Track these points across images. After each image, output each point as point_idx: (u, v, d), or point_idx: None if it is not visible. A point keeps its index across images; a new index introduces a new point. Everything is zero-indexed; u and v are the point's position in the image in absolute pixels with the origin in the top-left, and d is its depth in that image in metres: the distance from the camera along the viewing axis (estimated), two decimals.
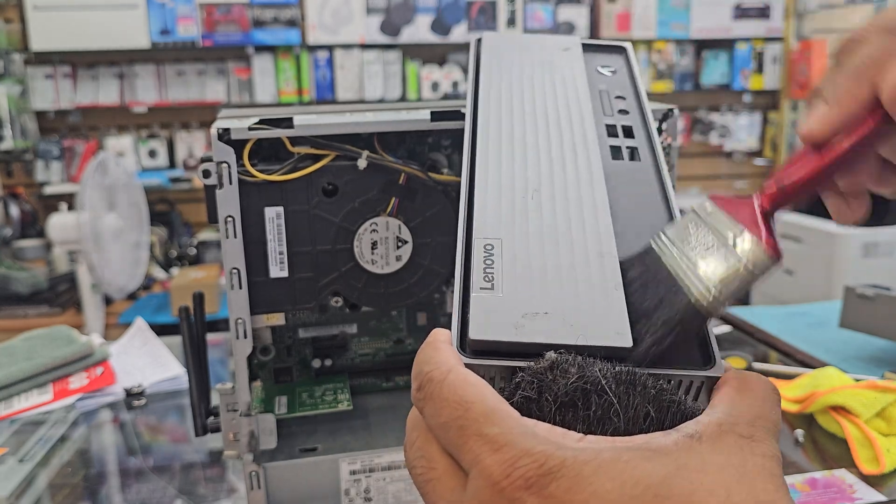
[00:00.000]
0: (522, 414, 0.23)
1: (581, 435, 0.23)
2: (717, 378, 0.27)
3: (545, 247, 0.30)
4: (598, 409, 0.24)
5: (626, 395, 0.24)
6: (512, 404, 0.24)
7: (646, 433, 0.24)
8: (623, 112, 0.40)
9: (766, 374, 0.76)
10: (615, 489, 0.20)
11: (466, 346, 0.26)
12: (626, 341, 0.26)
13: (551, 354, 0.25)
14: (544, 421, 0.24)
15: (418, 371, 0.25)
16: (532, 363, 0.25)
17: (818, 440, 0.65)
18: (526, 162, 0.34)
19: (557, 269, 0.29)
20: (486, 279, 0.28)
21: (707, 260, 0.28)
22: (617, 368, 0.25)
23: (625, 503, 0.20)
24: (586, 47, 0.45)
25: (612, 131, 0.38)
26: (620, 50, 0.46)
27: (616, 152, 0.37)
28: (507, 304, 0.27)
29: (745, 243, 0.27)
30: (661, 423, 0.24)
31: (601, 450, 0.22)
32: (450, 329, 0.27)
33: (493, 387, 0.24)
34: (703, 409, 0.25)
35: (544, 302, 0.27)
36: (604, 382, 0.24)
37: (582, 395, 0.24)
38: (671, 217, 0.34)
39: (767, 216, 0.28)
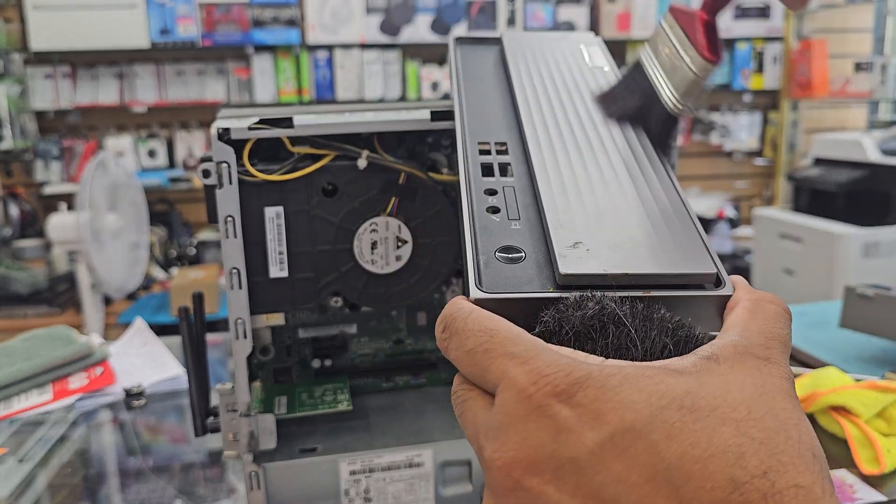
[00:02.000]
0: None
1: (602, 358, 0.23)
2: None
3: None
4: (616, 339, 0.24)
5: (644, 327, 0.25)
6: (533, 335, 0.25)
7: None
8: None
9: None
10: (641, 399, 0.21)
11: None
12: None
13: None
14: None
15: (441, 317, 0.26)
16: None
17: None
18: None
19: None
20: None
21: (671, 73, 0.36)
22: (636, 304, 0.25)
23: (651, 412, 0.21)
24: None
25: None
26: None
27: None
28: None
29: (691, 53, 0.35)
30: (678, 354, 0.24)
31: (624, 365, 0.22)
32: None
33: (521, 323, 0.25)
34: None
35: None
36: (620, 314, 0.25)
37: (600, 326, 0.24)
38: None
39: (707, 25, 0.35)
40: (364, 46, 2.52)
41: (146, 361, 0.85)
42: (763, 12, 2.69)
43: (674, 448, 0.20)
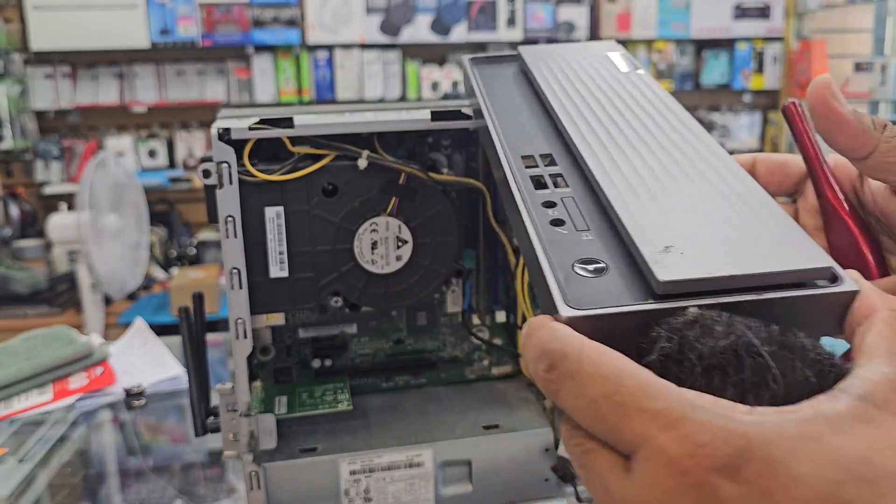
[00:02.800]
0: (660, 376, 0.21)
1: (748, 408, 0.20)
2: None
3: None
4: (753, 373, 0.21)
5: (783, 358, 0.21)
6: (648, 364, 0.21)
7: (806, 399, 0.21)
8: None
9: None
10: (813, 473, 0.18)
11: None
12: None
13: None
14: (685, 386, 0.21)
15: (542, 351, 0.22)
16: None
17: None
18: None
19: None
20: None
21: None
22: (771, 326, 0.22)
23: (827, 490, 0.18)
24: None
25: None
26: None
27: None
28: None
29: None
30: (821, 388, 0.21)
31: (781, 424, 0.19)
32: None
33: (617, 344, 0.22)
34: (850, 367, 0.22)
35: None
36: (756, 342, 0.21)
37: (734, 357, 0.21)
38: None
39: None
40: (364, 46, 2.52)
41: (146, 361, 0.86)
42: (763, 12, 2.69)
43: None
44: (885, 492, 0.18)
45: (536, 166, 0.33)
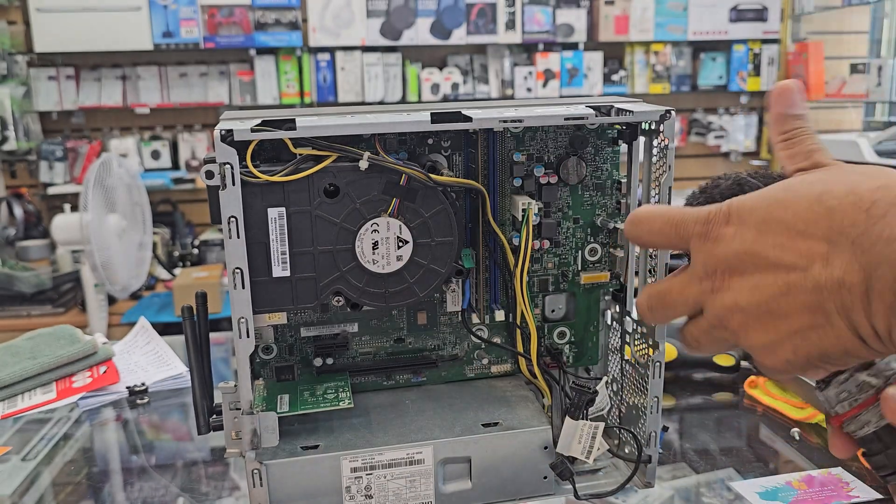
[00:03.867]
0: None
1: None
2: None
3: None
4: (751, 189, 0.35)
5: (765, 183, 0.37)
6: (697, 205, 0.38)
7: None
8: None
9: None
10: (793, 197, 0.32)
11: None
12: None
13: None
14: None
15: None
16: None
17: (816, 438, 0.65)
18: None
19: None
20: None
21: None
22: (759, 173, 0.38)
23: (811, 205, 0.31)
24: None
25: None
26: None
27: None
28: None
29: None
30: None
31: (750, 196, 0.33)
32: None
33: None
34: None
35: None
36: (750, 179, 0.38)
37: (738, 187, 0.42)
38: None
39: None
40: (365, 49, 2.52)
41: (149, 360, 0.86)
42: (760, 14, 2.69)
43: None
44: (847, 208, 0.29)
45: None
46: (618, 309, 0.56)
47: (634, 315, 0.53)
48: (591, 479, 0.53)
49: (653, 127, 0.49)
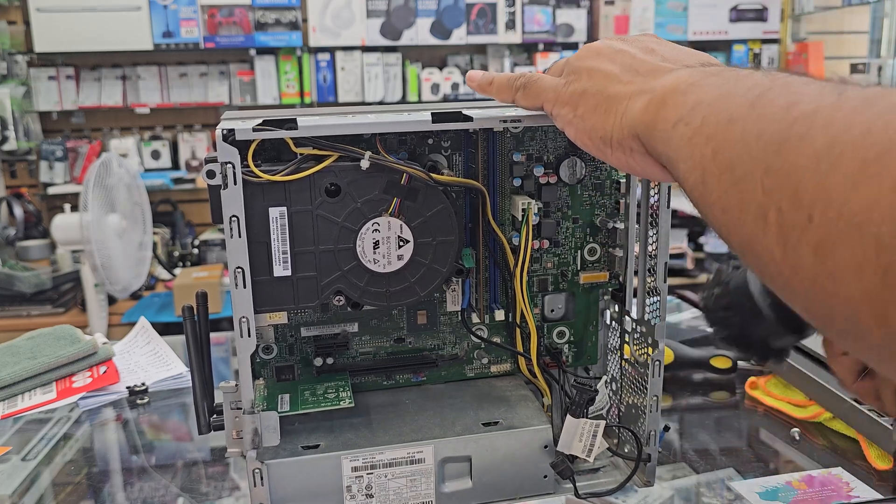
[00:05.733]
0: None
1: None
2: None
3: None
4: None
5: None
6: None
7: None
8: None
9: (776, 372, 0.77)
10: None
11: None
12: None
13: None
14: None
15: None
16: None
17: (815, 438, 0.65)
18: None
19: None
20: None
21: None
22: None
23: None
24: None
25: None
26: None
27: None
28: None
29: None
30: None
31: None
32: None
33: None
34: None
35: None
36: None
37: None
38: None
39: None
40: (365, 49, 2.52)
41: (150, 360, 0.86)
42: (759, 14, 2.69)
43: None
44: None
45: None
46: (617, 308, 0.56)
47: (634, 314, 0.53)
48: (591, 478, 0.53)
49: None
